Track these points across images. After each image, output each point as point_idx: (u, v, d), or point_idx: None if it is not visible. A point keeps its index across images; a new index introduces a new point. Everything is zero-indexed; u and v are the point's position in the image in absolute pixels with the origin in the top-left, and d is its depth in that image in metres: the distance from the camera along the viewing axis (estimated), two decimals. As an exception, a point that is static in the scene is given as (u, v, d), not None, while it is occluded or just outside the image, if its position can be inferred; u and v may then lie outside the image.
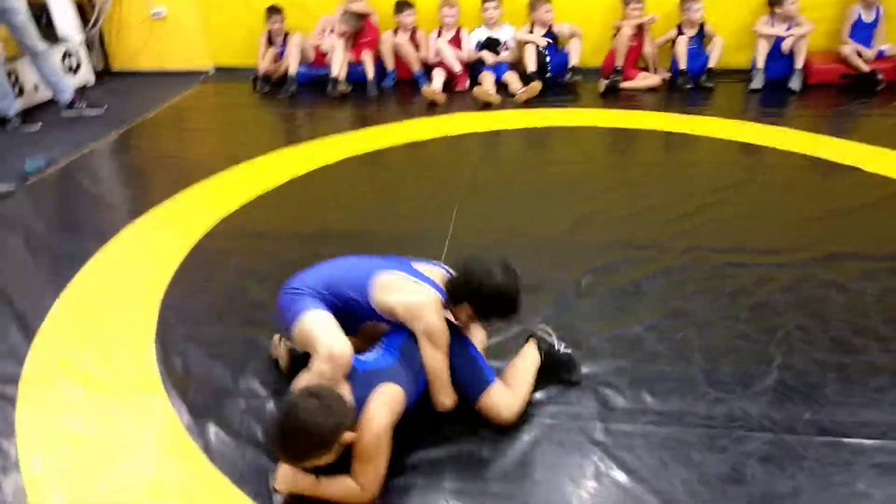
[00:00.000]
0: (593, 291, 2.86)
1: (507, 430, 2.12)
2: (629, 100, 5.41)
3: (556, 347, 2.33)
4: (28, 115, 5.24)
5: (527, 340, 2.38)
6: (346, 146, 4.61)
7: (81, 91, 5.81)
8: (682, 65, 5.54)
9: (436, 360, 2.04)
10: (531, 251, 3.18)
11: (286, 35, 5.90)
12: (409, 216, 3.60)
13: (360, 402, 1.88)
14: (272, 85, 5.91)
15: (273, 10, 5.90)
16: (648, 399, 2.26)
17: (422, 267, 2.20)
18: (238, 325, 2.70)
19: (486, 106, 5.35)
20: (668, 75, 5.73)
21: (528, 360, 2.29)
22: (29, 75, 5.44)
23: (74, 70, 6.06)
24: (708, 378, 2.34)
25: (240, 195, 3.86)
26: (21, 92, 5.43)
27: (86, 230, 3.54)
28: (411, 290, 2.09)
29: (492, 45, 5.86)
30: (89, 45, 6.32)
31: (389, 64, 5.95)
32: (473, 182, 3.98)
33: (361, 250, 3.16)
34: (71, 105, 5.39)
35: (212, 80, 6.36)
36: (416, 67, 5.85)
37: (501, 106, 5.35)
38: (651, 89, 5.60)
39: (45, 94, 5.56)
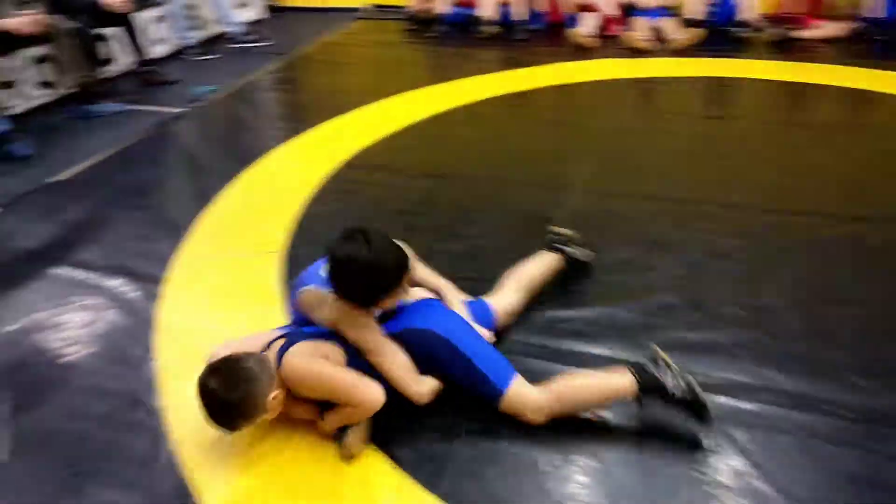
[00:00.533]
0: (730, 256, 2.64)
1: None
2: (805, 51, 4.86)
3: (671, 390, 1.80)
4: (204, 46, 5.63)
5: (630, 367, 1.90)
6: (489, 87, 4.56)
7: (251, 25, 6.15)
8: (876, 12, 4.88)
9: (378, 364, 1.82)
10: (667, 207, 2.99)
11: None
12: (541, 161, 3.51)
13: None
14: (422, 23, 5.92)
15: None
16: (776, 377, 2.05)
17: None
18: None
19: (639, 52, 5.05)
20: (856, 24, 5.08)
21: (595, 377, 1.89)
22: (207, 10, 5.83)
23: (245, 5, 6.40)
24: (852, 364, 2.07)
25: (380, 129, 3.95)
26: (202, 23, 5.85)
27: (236, 151, 3.77)
28: (325, 308, 1.85)
29: (650, -13, 5.48)
30: (262, -20, 6.66)
31: (540, 5, 5.75)
32: (616, 131, 3.80)
33: (483, 194, 3.18)
34: (240, 38, 5.73)
35: (368, 16, 6.48)
36: (568, 9, 5.61)
37: (656, 54, 5.03)
38: (834, 39, 5.00)
39: (219, 28, 5.95)
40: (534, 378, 1.91)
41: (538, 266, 2.38)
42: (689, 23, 5.19)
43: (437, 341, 1.88)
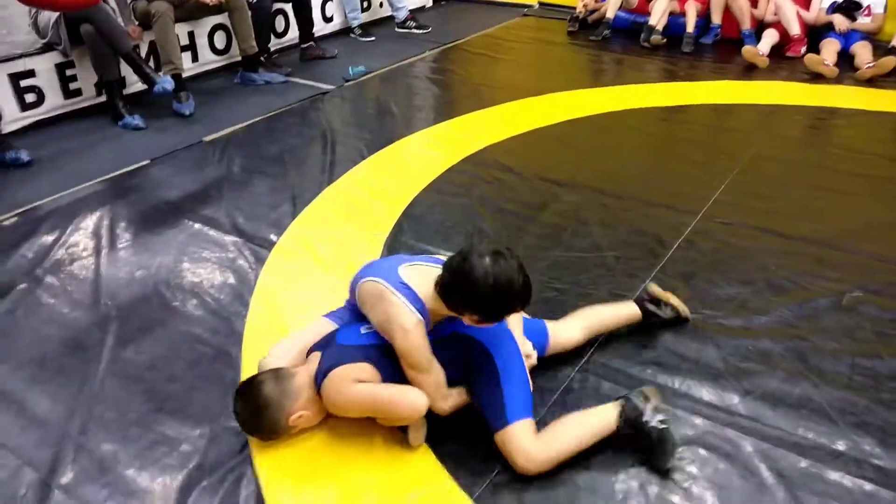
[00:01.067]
0: (855, 309, 2.37)
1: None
2: None
3: (646, 419, 1.80)
4: (368, 27, 5.86)
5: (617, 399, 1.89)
6: (639, 97, 4.38)
7: (416, 11, 6.31)
8: None
9: (412, 376, 1.80)
10: (798, 249, 2.74)
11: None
12: (670, 181, 3.32)
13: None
14: (586, 26, 5.78)
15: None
16: (873, 450, 1.84)
17: (410, 271, 1.86)
18: (459, 246, 2.76)
19: (818, 77, 4.60)
20: None
21: (592, 417, 1.85)
22: (376, -7, 6.09)
23: (409, -8, 6.59)
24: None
25: (513, 127, 3.93)
26: (368, 6, 6.11)
27: (372, 133, 3.90)
28: (383, 306, 1.79)
29: (850, 7, 4.97)
30: (435, -30, 6.81)
31: (716, 18, 5.41)
32: (765, 159, 3.51)
33: (599, 207, 3.06)
34: (403, 23, 5.91)
35: (533, 14, 6.43)
36: (747, 25, 5.23)
37: (837, 80, 4.56)
38: None
39: (385, 11, 6.17)
40: (589, 398, 1.89)
41: (614, 313, 2.26)
42: (889, 50, 4.65)
43: (480, 353, 1.87)
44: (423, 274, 1.83)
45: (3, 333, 2.34)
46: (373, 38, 5.71)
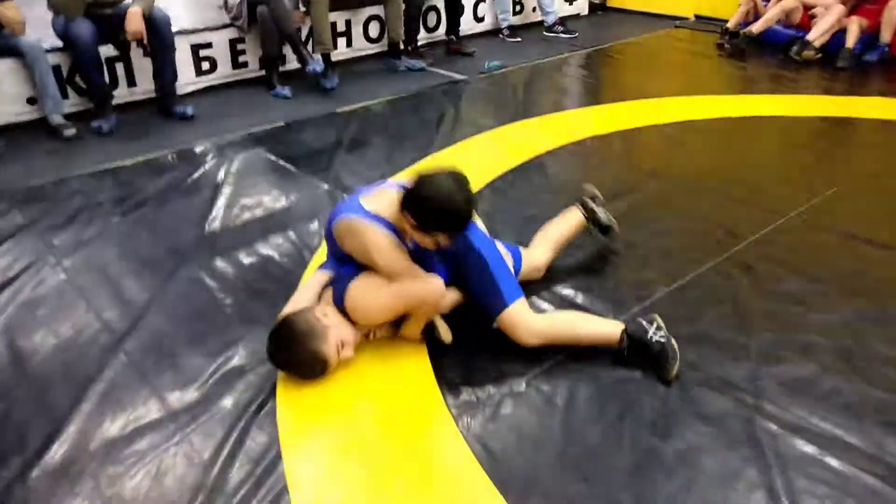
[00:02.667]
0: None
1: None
2: None
3: (649, 335, 2.02)
4: (516, 29, 6.10)
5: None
6: (770, 106, 4.26)
7: (570, 19, 6.44)
8: None
9: (402, 289, 1.96)
10: (881, 258, 2.59)
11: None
12: (765, 185, 3.22)
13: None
14: (738, 38, 5.59)
15: (770, -40, 5.51)
16: (890, 446, 1.75)
17: (371, 199, 2.02)
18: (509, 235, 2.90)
19: None
20: None
21: (594, 319, 2.14)
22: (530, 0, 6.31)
23: (571, 0, 6.73)
24: None
25: (624, 122, 3.99)
26: (521, 10, 6.35)
27: (484, 119, 4.11)
28: (357, 238, 1.97)
29: None
30: (595, -21, 6.91)
31: (886, 35, 5.03)
32: (874, 177, 3.28)
33: (679, 200, 3.08)
34: (551, 28, 6.08)
35: (686, 26, 6.32)
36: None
37: None
38: None
39: (537, 16, 6.36)
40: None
41: (566, 223, 2.54)
42: None
43: (466, 246, 2.06)
44: (385, 197, 2.00)
45: (128, 232, 2.84)
46: (519, 40, 5.94)
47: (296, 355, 1.94)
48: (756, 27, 5.40)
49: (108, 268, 2.59)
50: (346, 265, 2.10)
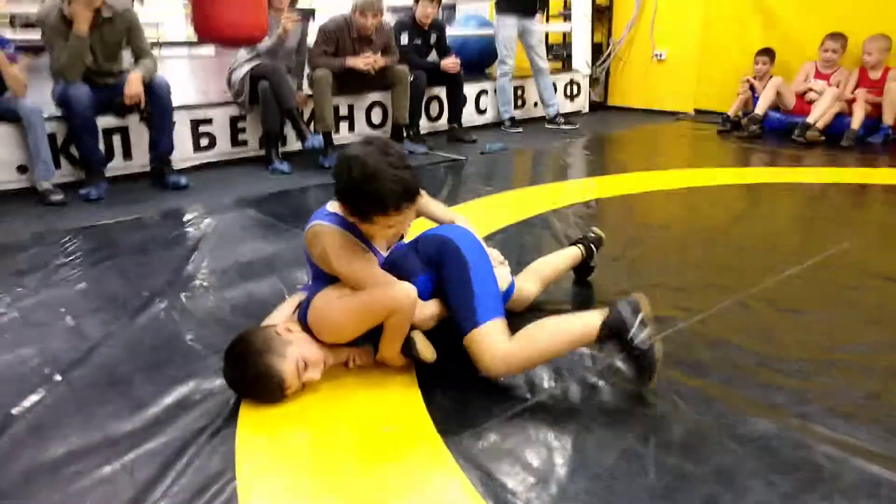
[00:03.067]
0: None
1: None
2: None
3: (631, 334, 1.67)
4: (518, 122, 6.15)
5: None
6: (771, 175, 4.15)
7: (571, 115, 6.52)
8: None
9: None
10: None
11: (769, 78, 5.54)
12: (779, 238, 3.04)
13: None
14: (740, 127, 5.59)
15: (763, 52, 5.61)
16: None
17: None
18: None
19: None
20: None
21: (572, 322, 1.75)
22: (532, 94, 6.41)
23: (572, 97, 6.85)
24: None
25: (628, 188, 3.88)
26: (523, 104, 6.45)
27: (478, 188, 4.01)
28: (318, 241, 1.76)
29: None
30: (595, 79, 7.06)
31: (889, 118, 5.01)
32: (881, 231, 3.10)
33: (697, 246, 2.93)
34: (553, 119, 6.13)
35: (686, 119, 6.37)
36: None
37: None
38: None
39: (539, 111, 6.43)
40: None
41: (560, 260, 2.39)
42: None
43: (451, 249, 1.83)
44: None
45: (97, 278, 2.64)
46: (520, 130, 5.97)
47: (249, 372, 1.68)
48: (759, 108, 5.41)
49: (68, 307, 2.36)
50: (317, 280, 1.87)
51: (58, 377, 1.89)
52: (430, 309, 1.84)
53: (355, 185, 1.61)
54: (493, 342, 1.71)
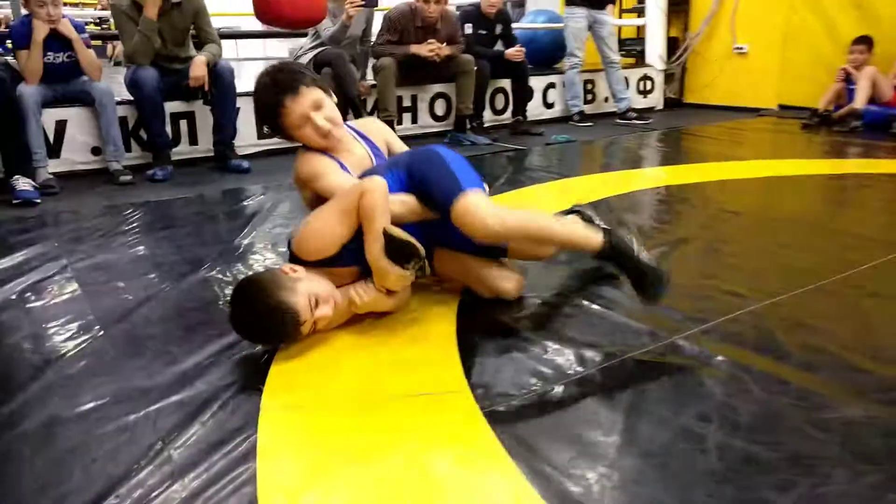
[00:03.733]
0: None
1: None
2: None
3: (636, 252, 1.75)
4: (587, 116, 5.94)
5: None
6: (857, 168, 3.81)
7: (644, 111, 6.26)
8: None
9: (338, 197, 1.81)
10: None
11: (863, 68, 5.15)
12: (860, 229, 2.74)
13: None
14: (831, 123, 5.22)
15: (860, 41, 5.21)
16: None
17: None
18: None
19: None
20: None
21: (575, 225, 1.91)
22: (602, 88, 6.21)
23: (646, 93, 6.59)
24: None
25: (682, 179, 3.64)
26: (592, 99, 6.25)
27: (541, 175, 3.85)
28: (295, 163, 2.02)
29: None
30: (670, 75, 6.78)
31: None
32: None
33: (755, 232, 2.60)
34: (624, 114, 5.90)
35: (770, 114, 6.02)
36: None
37: None
38: None
39: (609, 107, 6.22)
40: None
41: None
42: None
43: (422, 150, 1.94)
44: None
45: (150, 245, 2.64)
46: (590, 125, 5.77)
47: (260, 308, 1.61)
48: (858, 101, 5.03)
49: (119, 270, 2.36)
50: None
51: (97, 331, 1.87)
52: (401, 197, 1.83)
53: (257, 109, 2.04)
54: (484, 203, 1.72)
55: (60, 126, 3.89)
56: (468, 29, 5.12)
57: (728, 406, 1.44)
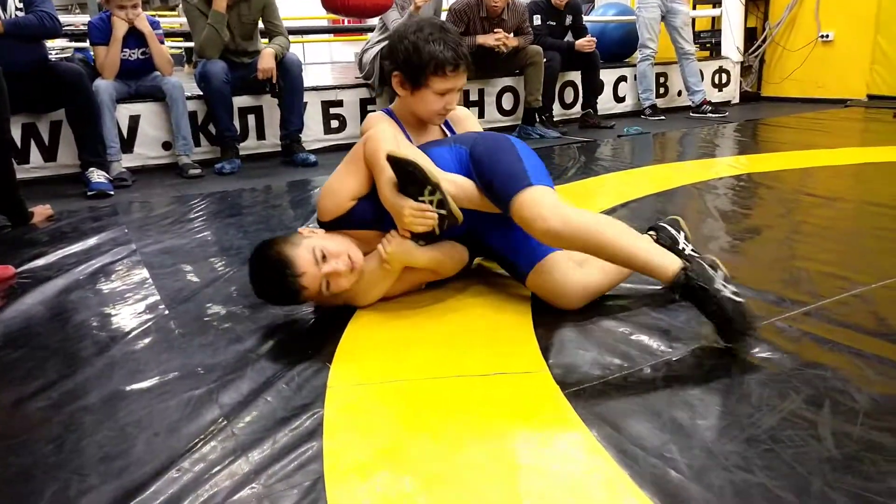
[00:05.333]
0: None
1: None
2: None
3: (716, 286, 1.39)
4: (660, 110, 5.72)
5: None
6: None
7: (720, 105, 5.99)
8: None
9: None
10: None
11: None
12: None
13: None
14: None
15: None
16: None
17: None
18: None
19: None
20: None
21: (651, 247, 1.61)
22: (675, 81, 5.97)
23: (721, 86, 6.31)
24: None
25: (765, 167, 3.45)
26: (665, 92, 6.02)
27: (614, 164, 3.71)
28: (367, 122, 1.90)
29: None
30: (747, 67, 6.48)
31: None
32: None
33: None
34: (699, 107, 5.65)
35: (859, 105, 5.66)
36: None
37: None
38: None
39: (683, 101, 5.98)
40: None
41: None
42: None
43: (491, 135, 1.81)
44: None
45: (216, 230, 2.63)
46: (663, 118, 5.55)
47: (260, 262, 1.62)
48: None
49: (187, 254, 2.35)
50: None
51: (163, 310, 1.84)
52: (456, 177, 1.70)
53: (414, 44, 1.73)
54: (550, 198, 1.55)
55: (134, 121, 3.97)
56: (537, 20, 5.00)
57: (841, 391, 1.28)
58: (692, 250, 1.81)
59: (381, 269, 1.69)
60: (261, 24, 4.07)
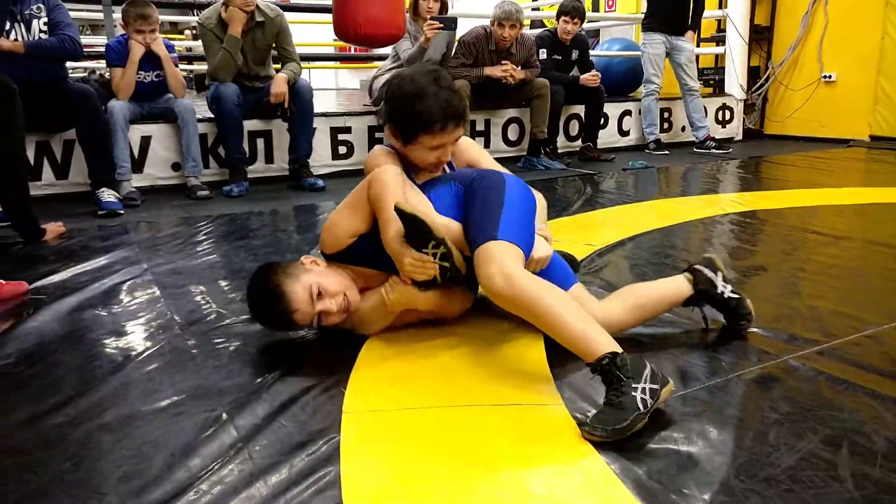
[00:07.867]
0: None
1: None
2: None
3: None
4: (663, 144, 5.77)
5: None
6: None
7: (722, 141, 6.05)
8: None
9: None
10: None
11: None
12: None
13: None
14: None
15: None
16: None
17: None
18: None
19: None
20: None
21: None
22: (680, 117, 6.04)
23: (724, 123, 6.39)
24: None
25: (771, 204, 3.47)
26: (669, 128, 6.09)
27: (617, 198, 3.75)
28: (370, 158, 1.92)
29: None
30: (750, 105, 6.56)
31: None
32: None
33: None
34: (702, 143, 5.71)
35: (861, 145, 5.73)
36: None
37: None
38: None
39: (687, 136, 6.04)
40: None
41: (661, 288, 1.77)
42: None
43: (490, 174, 1.74)
44: None
45: (225, 253, 2.64)
46: (666, 153, 5.61)
47: (257, 289, 1.65)
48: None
49: (197, 275, 2.36)
50: None
51: (176, 330, 1.84)
52: (445, 220, 1.67)
53: (404, 101, 1.70)
54: (507, 257, 1.46)
55: (145, 142, 4.00)
56: (543, 54, 5.08)
57: (858, 432, 1.28)
58: (732, 292, 1.72)
59: (382, 308, 1.71)
60: (273, 51, 4.13)
